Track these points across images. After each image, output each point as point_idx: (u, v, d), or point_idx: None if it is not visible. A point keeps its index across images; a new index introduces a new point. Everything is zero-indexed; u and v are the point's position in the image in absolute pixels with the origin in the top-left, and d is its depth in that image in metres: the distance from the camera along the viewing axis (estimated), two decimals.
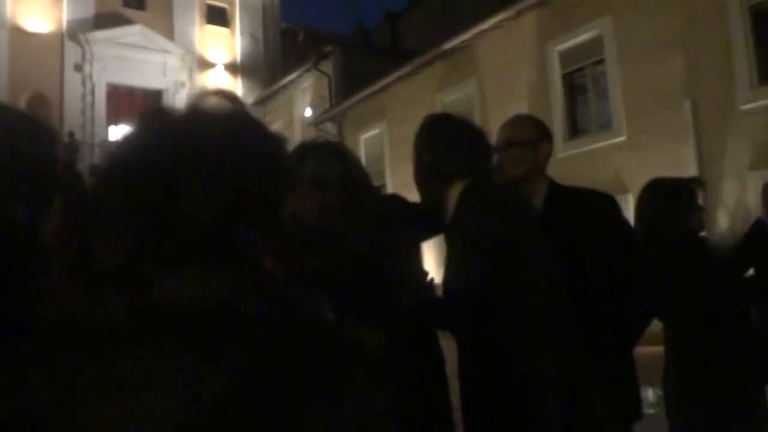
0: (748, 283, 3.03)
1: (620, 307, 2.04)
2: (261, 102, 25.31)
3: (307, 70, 21.59)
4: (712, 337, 2.27)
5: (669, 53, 10.81)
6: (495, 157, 2.13)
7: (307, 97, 22.21)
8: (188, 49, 24.78)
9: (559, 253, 1.80)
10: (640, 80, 11.34)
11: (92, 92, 22.64)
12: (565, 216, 2.08)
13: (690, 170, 10.51)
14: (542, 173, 2.24)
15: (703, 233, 3.00)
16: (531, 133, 2.18)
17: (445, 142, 2.07)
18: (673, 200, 2.72)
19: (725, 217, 10.10)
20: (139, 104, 24.28)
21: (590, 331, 1.75)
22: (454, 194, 1.98)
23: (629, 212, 10.19)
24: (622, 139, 11.65)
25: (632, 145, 11.49)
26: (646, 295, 2.18)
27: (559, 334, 1.64)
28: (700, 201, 2.93)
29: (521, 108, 13.61)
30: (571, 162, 12.53)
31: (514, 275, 1.66)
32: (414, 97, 16.90)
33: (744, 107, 9.88)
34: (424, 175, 2.06)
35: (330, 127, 20.33)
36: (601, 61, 12.17)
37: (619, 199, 10.13)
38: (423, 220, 2.06)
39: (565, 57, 12.84)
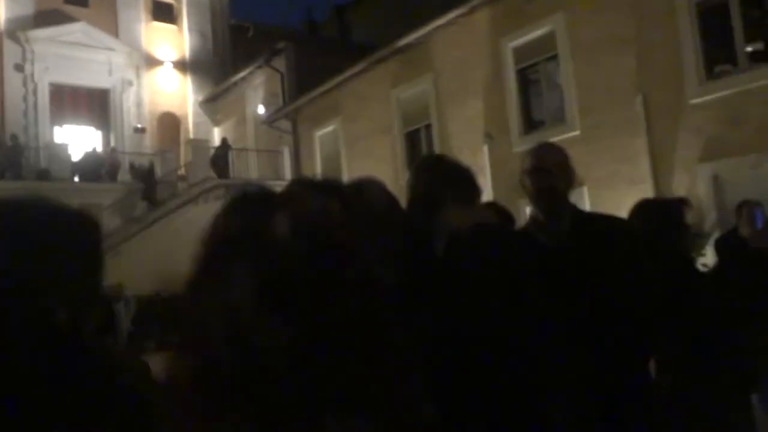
0: (733, 298, 3.10)
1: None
2: (212, 100, 24.87)
3: (259, 67, 21.29)
4: (703, 352, 2.31)
5: (620, 49, 11.03)
6: (531, 179, 2.15)
7: (260, 95, 21.90)
8: (134, 46, 24.11)
9: (588, 276, 1.83)
10: (592, 75, 11.55)
11: (35, 93, 21.80)
12: (593, 241, 2.10)
13: (642, 163, 10.78)
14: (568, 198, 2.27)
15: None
16: (565, 159, 2.20)
17: (436, 175, 2.18)
18: (663, 222, 2.75)
19: None
20: (85, 104, 23.55)
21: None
22: (444, 221, 2.02)
23: (586, 206, 10.33)
24: (576, 133, 11.84)
25: (586, 139, 11.68)
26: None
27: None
28: (689, 220, 2.98)
29: (476, 104, 13.74)
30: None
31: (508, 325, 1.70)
32: (368, 94, 16.86)
33: (693, 101, 10.15)
34: (415, 204, 2.08)
35: (284, 125, 20.12)
36: (554, 57, 12.35)
37: (574, 192, 10.30)
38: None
39: (519, 53, 12.98)
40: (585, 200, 11.52)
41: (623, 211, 2.47)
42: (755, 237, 2.89)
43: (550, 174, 2.11)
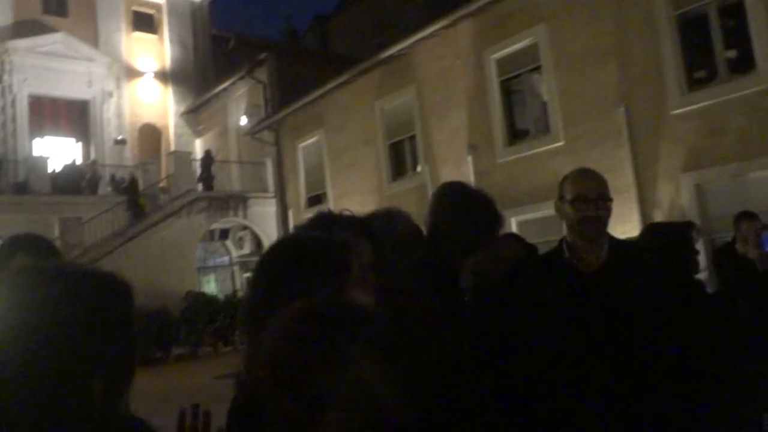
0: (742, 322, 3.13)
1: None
2: (193, 111, 24.75)
3: (241, 78, 21.22)
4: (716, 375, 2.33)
5: (602, 60, 11.16)
6: (575, 208, 2.14)
7: (242, 106, 21.83)
8: (114, 57, 23.91)
9: (625, 302, 1.87)
10: (575, 86, 11.65)
11: (13, 104, 21.51)
12: (630, 268, 2.12)
13: (626, 174, 10.88)
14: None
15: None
16: (606, 188, 2.20)
17: (462, 214, 2.17)
18: (675, 245, 2.77)
19: (661, 217, 10.47)
20: (64, 115, 23.29)
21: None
22: (473, 265, 2.13)
23: None
24: (559, 144, 11.93)
25: (570, 150, 11.78)
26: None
27: None
28: (697, 245, 3.00)
29: (460, 115, 13.80)
30: (511, 167, 12.77)
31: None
32: (352, 105, 16.87)
33: (675, 112, 10.28)
34: (439, 244, 2.09)
35: (267, 136, 20.05)
36: (537, 68, 12.44)
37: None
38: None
39: (502, 64, 13.06)
40: None
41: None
42: (762, 260, 2.92)
43: (593, 204, 2.09)
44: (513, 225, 12.61)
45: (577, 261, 2.16)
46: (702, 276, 2.80)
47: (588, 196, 2.11)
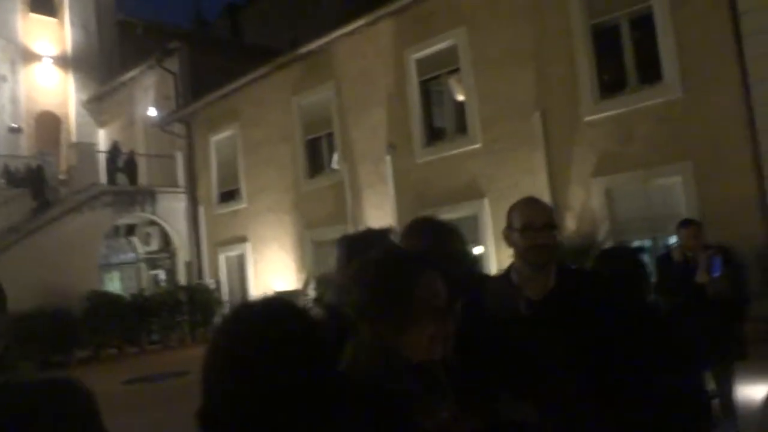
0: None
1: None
2: (97, 99, 23.51)
3: (150, 67, 20.33)
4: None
5: (521, 66, 11.43)
6: (523, 237, 2.13)
7: (150, 96, 20.91)
8: (9, 39, 22.33)
9: (574, 329, 1.84)
10: (493, 89, 11.88)
11: None
12: (576, 294, 2.12)
13: (541, 176, 11.21)
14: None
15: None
16: (552, 217, 2.25)
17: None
18: (627, 269, 2.82)
19: (572, 219, 10.87)
20: None
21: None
22: None
23: (487, 217, 10.60)
24: (477, 146, 12.14)
25: (487, 151, 12.01)
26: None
27: None
28: (649, 267, 3.07)
29: (379, 113, 13.78)
30: (429, 167, 12.89)
31: None
32: (268, 99, 16.52)
33: (587, 119, 10.68)
34: None
35: (177, 129, 19.32)
36: (456, 70, 12.59)
37: (475, 203, 10.58)
38: None
39: (422, 64, 13.14)
40: (486, 211, 11.85)
41: None
42: (713, 284, 3.03)
43: (539, 232, 2.13)
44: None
45: (525, 288, 2.20)
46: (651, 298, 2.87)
47: (536, 225, 2.17)
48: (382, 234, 2.13)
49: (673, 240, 9.87)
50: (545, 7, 11.17)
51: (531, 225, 2.14)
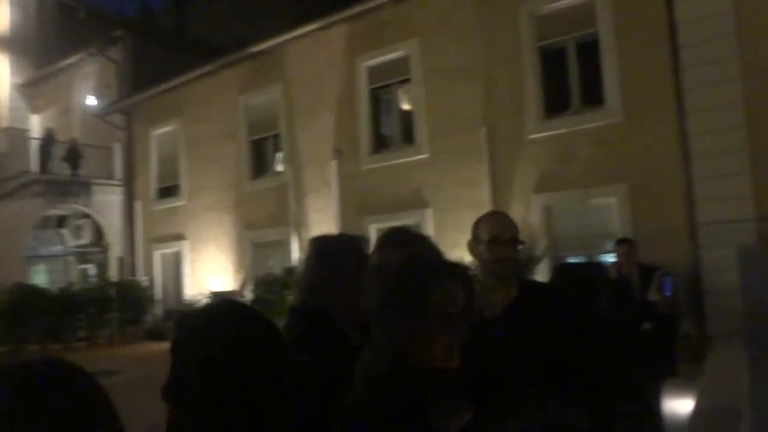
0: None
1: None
2: (31, 84, 22.58)
3: (92, 55, 19.70)
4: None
5: (470, 81, 11.65)
6: (489, 249, 2.18)
7: (90, 84, 20.23)
8: None
9: (536, 337, 1.91)
10: (442, 102, 12.06)
11: None
12: (537, 305, 2.19)
13: (484, 189, 11.44)
14: None
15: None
16: (518, 231, 2.34)
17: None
18: (581, 284, 2.93)
19: None
20: None
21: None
22: None
23: (430, 226, 10.75)
24: (424, 156, 12.29)
25: (433, 162, 12.18)
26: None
27: None
28: (605, 283, 3.19)
29: (327, 118, 13.77)
30: (375, 175, 12.96)
31: None
32: (214, 97, 16.27)
33: (531, 137, 10.97)
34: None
35: (117, 120, 18.77)
36: (407, 80, 12.72)
37: (419, 212, 10.70)
38: None
39: (373, 72, 13.22)
40: (429, 221, 12.00)
41: (464, 233, 2.58)
42: (663, 303, 3.18)
43: (507, 246, 2.20)
44: (372, 232, 12.79)
45: (489, 298, 2.26)
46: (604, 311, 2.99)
47: (503, 238, 2.24)
48: (355, 241, 2.15)
49: (604, 257, 10.28)
50: (496, 27, 11.43)
51: (498, 238, 2.21)
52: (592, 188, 10.30)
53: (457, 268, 1.44)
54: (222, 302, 1.15)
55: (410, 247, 2.05)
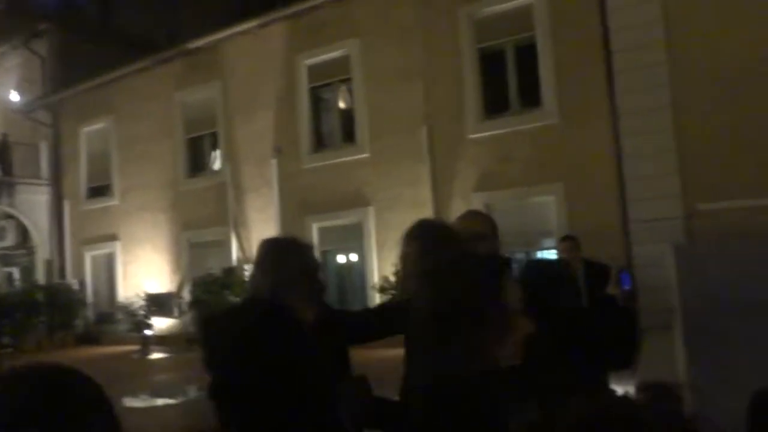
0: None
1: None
2: None
3: (14, 47, 18.80)
4: None
5: (410, 81, 11.77)
6: (478, 246, 2.22)
7: (13, 79, 19.29)
8: None
9: None
10: (383, 102, 12.14)
11: None
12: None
13: (425, 189, 11.58)
14: None
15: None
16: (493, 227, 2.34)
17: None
18: (550, 280, 3.01)
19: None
20: None
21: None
22: None
23: (371, 225, 10.86)
24: (365, 155, 12.33)
25: (374, 161, 12.24)
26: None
27: None
28: (571, 279, 3.29)
29: (267, 116, 13.63)
30: (316, 173, 12.92)
31: None
32: (148, 93, 15.82)
33: (471, 137, 11.19)
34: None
35: (43, 117, 18.00)
36: (348, 80, 12.73)
37: (360, 211, 10.77)
38: None
39: (313, 71, 13.17)
40: (371, 219, 12.07)
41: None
42: (623, 297, 3.32)
43: (488, 239, 2.26)
44: (313, 231, 12.76)
45: None
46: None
47: (483, 234, 2.31)
48: (305, 246, 2.19)
49: (544, 254, 10.56)
50: (436, 28, 11.59)
51: (482, 233, 2.27)
52: (530, 187, 10.60)
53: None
54: (246, 301, 1.17)
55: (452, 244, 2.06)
